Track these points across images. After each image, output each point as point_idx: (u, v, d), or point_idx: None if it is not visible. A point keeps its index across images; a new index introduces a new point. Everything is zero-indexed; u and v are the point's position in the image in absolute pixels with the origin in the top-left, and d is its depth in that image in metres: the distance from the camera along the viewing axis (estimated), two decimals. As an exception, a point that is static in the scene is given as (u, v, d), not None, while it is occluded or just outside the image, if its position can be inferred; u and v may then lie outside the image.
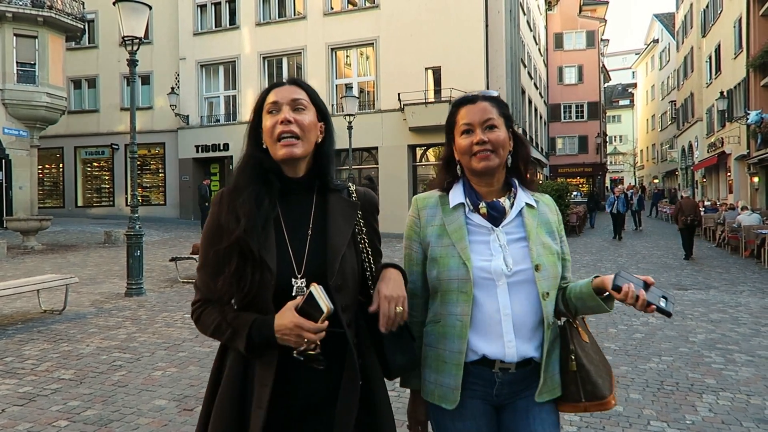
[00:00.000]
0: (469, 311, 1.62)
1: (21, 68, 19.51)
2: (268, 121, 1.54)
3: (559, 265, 1.69)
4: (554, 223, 1.75)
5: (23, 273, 10.76)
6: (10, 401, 4.34)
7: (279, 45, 22.81)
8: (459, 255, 1.63)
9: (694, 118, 34.79)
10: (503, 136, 1.67)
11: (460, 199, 1.71)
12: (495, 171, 1.68)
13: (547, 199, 1.80)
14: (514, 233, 1.67)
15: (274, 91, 1.57)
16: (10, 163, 19.58)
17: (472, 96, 1.73)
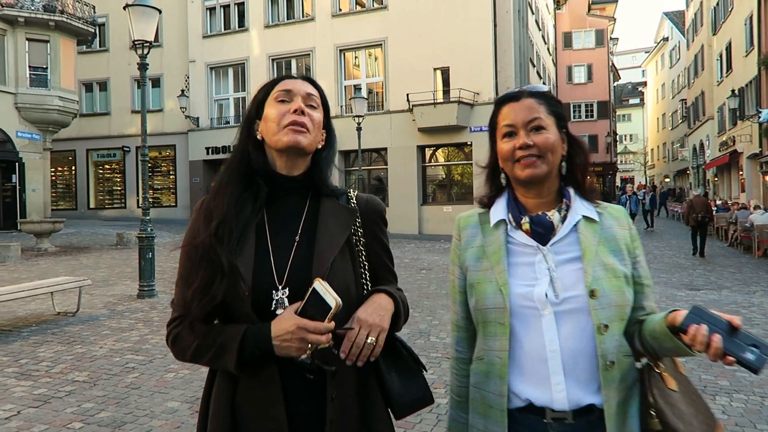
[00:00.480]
0: (507, 346, 1.37)
1: (33, 72, 19.74)
2: (277, 108, 1.38)
3: (627, 292, 1.36)
4: (623, 240, 1.42)
5: (37, 275, 10.87)
6: (25, 403, 4.39)
7: (287, 47, 22.89)
8: (496, 280, 1.39)
9: (705, 117, 34.54)
10: (553, 138, 1.40)
11: (501, 215, 1.47)
12: (544, 180, 1.41)
13: (616, 211, 1.48)
14: (565, 252, 1.39)
15: (286, 81, 1.43)
16: (23, 166, 19.81)
17: (516, 92, 1.46)
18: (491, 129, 1.50)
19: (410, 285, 9.94)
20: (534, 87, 1.47)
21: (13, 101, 19.34)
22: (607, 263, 1.37)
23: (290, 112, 1.37)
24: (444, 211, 20.82)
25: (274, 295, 1.31)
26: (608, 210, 1.47)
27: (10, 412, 4.20)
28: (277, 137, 1.37)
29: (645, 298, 1.43)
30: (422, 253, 15.24)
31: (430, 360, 5.50)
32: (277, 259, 1.35)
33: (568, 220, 1.42)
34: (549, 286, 1.35)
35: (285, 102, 1.39)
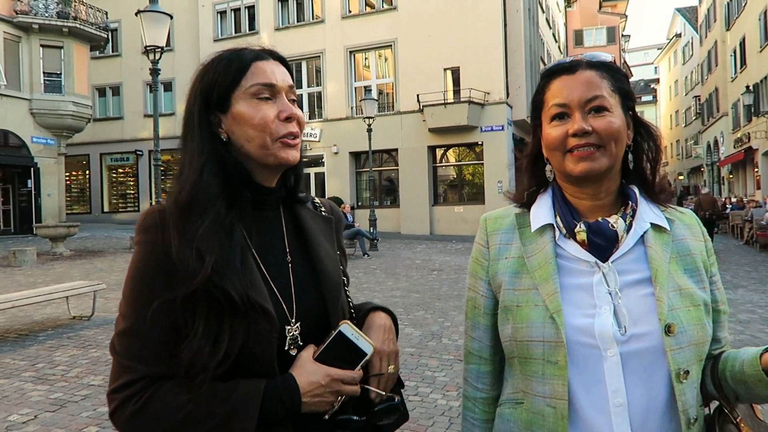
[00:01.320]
0: (565, 393, 1.04)
1: (48, 78, 20.00)
2: (258, 110, 1.09)
3: (708, 325, 1.06)
4: (700, 255, 1.11)
5: (52, 279, 11.01)
6: (42, 407, 4.45)
7: (298, 49, 22.98)
8: (544, 304, 1.07)
9: (720, 113, 34.19)
10: (618, 123, 1.07)
11: (546, 218, 1.15)
12: (603, 176, 1.09)
13: (689, 218, 1.17)
14: (631, 272, 1.07)
15: (261, 66, 1.12)
16: (38, 171, 20.06)
17: (570, 62, 1.13)
18: (535, 109, 1.17)
19: (422, 286, 9.94)
20: (594, 55, 1.13)
21: (28, 107, 19.60)
22: (683, 286, 1.06)
23: (281, 118, 1.10)
24: (455, 211, 20.80)
25: (287, 332, 1.08)
26: (679, 216, 1.16)
27: (27, 416, 4.26)
28: (266, 151, 1.10)
29: (720, 328, 1.13)
30: (434, 254, 15.23)
31: (442, 362, 5.50)
32: (278, 287, 1.10)
33: (634, 228, 1.10)
34: (612, 317, 1.03)
35: (269, 101, 1.10)
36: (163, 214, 1.06)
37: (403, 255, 15.11)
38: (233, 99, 1.11)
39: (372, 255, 14.93)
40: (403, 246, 17.37)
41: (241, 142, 1.11)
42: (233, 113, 1.10)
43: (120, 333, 1.03)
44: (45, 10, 19.60)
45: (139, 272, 1.05)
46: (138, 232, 1.07)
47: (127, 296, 1.04)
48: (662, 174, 1.18)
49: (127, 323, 1.02)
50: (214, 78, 1.12)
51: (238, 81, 1.11)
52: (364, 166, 21.47)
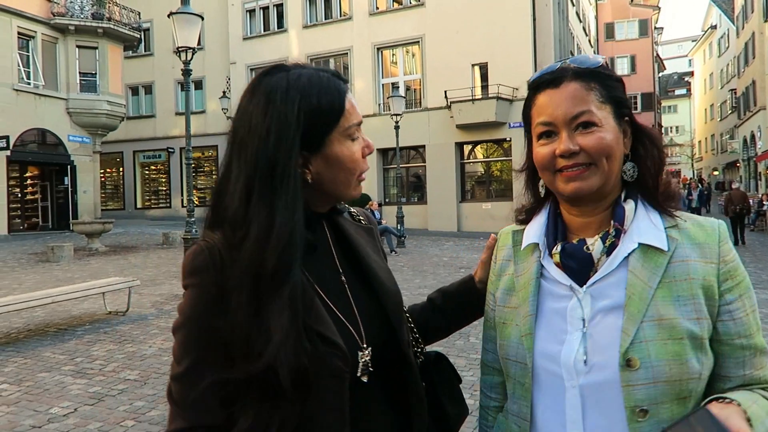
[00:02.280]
0: (528, 415, 1.05)
1: (83, 78, 20.51)
2: (353, 150, 1.04)
3: (694, 360, 0.93)
4: (702, 281, 0.98)
5: (89, 274, 11.32)
6: (81, 401, 4.61)
7: (326, 46, 23.11)
8: (519, 325, 1.06)
9: (757, 107, 33.24)
10: (609, 137, 0.99)
11: (534, 237, 1.12)
12: (598, 193, 1.02)
13: (703, 232, 1.02)
14: (607, 297, 1.00)
15: (351, 101, 1.05)
16: (74, 168, 20.61)
17: (554, 72, 1.04)
18: (525, 123, 1.12)
19: (449, 284, 9.94)
20: (581, 61, 1.04)
21: (65, 106, 20.13)
22: (664, 318, 0.95)
23: (364, 156, 1.07)
24: (483, 208, 20.70)
25: (359, 358, 1.03)
26: (690, 231, 1.02)
27: (67, 409, 4.42)
28: (347, 191, 1.06)
29: (740, 366, 0.98)
30: (461, 251, 15.21)
31: (469, 361, 5.51)
32: (343, 312, 1.04)
33: (618, 250, 1.01)
34: (580, 346, 0.98)
35: (358, 140, 1.06)
36: (213, 252, 0.97)
37: (431, 252, 15.12)
38: (328, 140, 1.01)
39: (399, 252, 14.98)
40: (431, 243, 17.37)
41: (326, 183, 1.04)
42: (326, 154, 1.02)
43: (174, 378, 0.97)
44: (80, 12, 20.09)
45: (192, 317, 0.97)
46: (189, 274, 0.98)
47: (181, 341, 0.98)
48: (666, 180, 1.06)
49: (181, 369, 0.96)
50: (314, 114, 0.99)
51: (338, 121, 1.02)
52: (392, 162, 21.50)
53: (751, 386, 0.98)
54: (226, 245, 0.97)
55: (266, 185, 0.95)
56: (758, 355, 0.99)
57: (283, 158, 0.96)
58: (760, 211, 20.82)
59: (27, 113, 18.96)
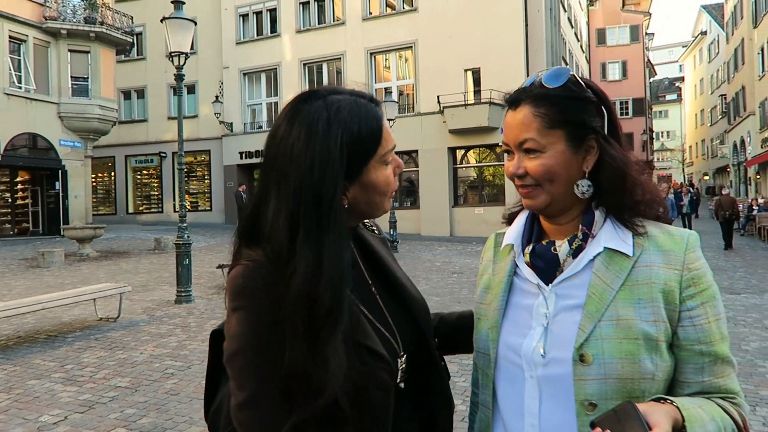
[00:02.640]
0: (490, 404, 1.14)
1: (75, 82, 20.43)
2: (388, 174, 1.07)
3: (648, 361, 0.97)
4: (663, 285, 1.02)
5: (80, 280, 11.25)
6: (71, 408, 4.57)
7: (319, 51, 23.12)
8: (488, 318, 1.15)
9: (747, 112, 33.54)
10: (550, 163, 1.05)
11: (511, 239, 1.20)
12: (553, 207, 1.10)
13: (672, 241, 1.06)
14: (570, 297, 1.06)
15: (386, 126, 1.08)
16: (66, 173, 20.50)
17: (516, 94, 1.11)
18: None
19: (442, 289, 9.95)
20: (547, 78, 1.08)
21: (56, 111, 20.03)
22: (622, 318, 0.99)
23: (394, 176, 1.09)
24: (475, 212, 20.74)
25: (398, 365, 1.07)
26: (659, 239, 1.06)
27: (57, 417, 4.39)
28: (381, 210, 1.09)
29: (699, 372, 1.01)
30: (453, 256, 15.22)
31: (462, 367, 5.51)
32: (379, 322, 1.07)
33: (584, 252, 1.07)
34: (541, 340, 1.05)
35: (390, 164, 1.08)
36: (263, 273, 0.96)
37: (423, 257, 15.13)
38: (366, 168, 1.03)
39: (392, 257, 14.95)
40: (423, 248, 17.38)
41: (361, 206, 1.06)
42: (364, 181, 1.03)
43: (243, 405, 0.96)
44: (73, 16, 20.01)
45: (254, 339, 0.96)
46: (239, 294, 0.97)
47: (242, 367, 0.96)
48: (642, 195, 1.08)
49: (250, 394, 0.95)
50: (355, 145, 1.00)
51: (376, 150, 1.04)
52: (385, 167, 21.51)
53: (711, 394, 1.01)
54: (272, 264, 0.96)
55: (312, 219, 0.96)
56: (719, 363, 1.01)
57: (329, 192, 0.96)
58: (750, 216, 20.97)
59: (18, 117, 18.85)
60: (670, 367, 1.01)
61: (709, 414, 0.95)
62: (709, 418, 0.94)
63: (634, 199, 1.06)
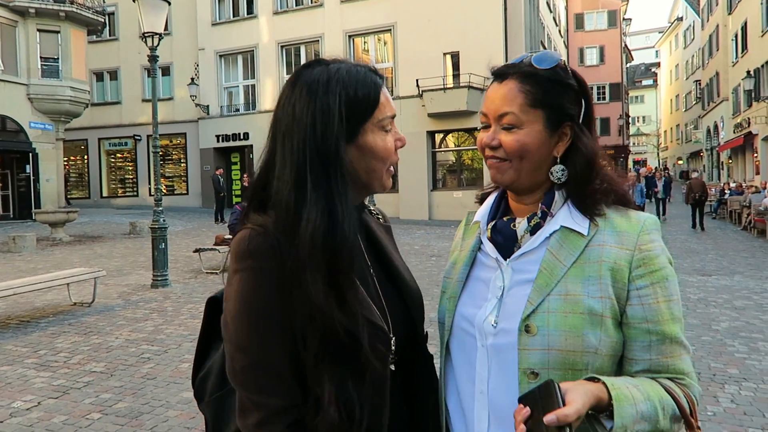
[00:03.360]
0: (443, 371, 1.20)
1: (45, 63, 19.88)
2: (386, 140, 1.08)
3: (592, 335, 1.01)
4: (613, 264, 1.04)
5: (53, 265, 11.05)
6: (45, 394, 4.51)
7: (297, 33, 22.82)
8: (449, 290, 1.20)
9: (720, 98, 34.07)
10: (526, 140, 1.07)
11: (479, 216, 1.25)
12: (519, 185, 1.13)
13: (627, 223, 1.09)
14: (525, 272, 1.09)
15: (386, 94, 1.09)
16: (37, 156, 20.02)
17: (504, 67, 1.13)
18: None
19: (420, 272, 9.99)
20: (537, 60, 1.10)
21: (25, 92, 19.50)
22: (570, 293, 1.03)
23: (396, 149, 1.11)
24: (454, 196, 20.80)
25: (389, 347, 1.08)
26: (615, 221, 1.09)
27: (30, 402, 4.32)
28: (379, 181, 1.10)
29: (646, 350, 1.03)
30: (432, 240, 15.29)
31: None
32: (373, 301, 1.08)
33: (542, 230, 1.10)
34: (494, 311, 1.09)
35: (389, 131, 1.10)
36: (270, 235, 0.98)
37: (402, 241, 15.16)
38: (362, 129, 1.05)
39: (371, 241, 14.96)
40: (402, 231, 17.41)
41: (359, 172, 1.07)
42: (360, 144, 1.05)
43: (247, 368, 0.98)
44: (41, -6, 19.43)
45: (256, 302, 0.97)
46: (245, 257, 0.98)
47: (244, 329, 0.97)
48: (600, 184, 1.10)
49: (251, 357, 0.97)
50: (353, 104, 1.03)
51: (373, 111, 1.06)
52: (363, 151, 21.44)
53: (659, 374, 1.03)
54: (278, 228, 0.99)
55: (320, 174, 0.99)
56: (668, 343, 1.03)
57: (332, 148, 1.00)
58: (722, 200, 21.38)
59: (-14, 99, 18.33)
60: (616, 344, 1.03)
61: (644, 393, 0.96)
62: (643, 398, 0.95)
63: (594, 186, 1.09)
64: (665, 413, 0.97)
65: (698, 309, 7.22)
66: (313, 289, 0.95)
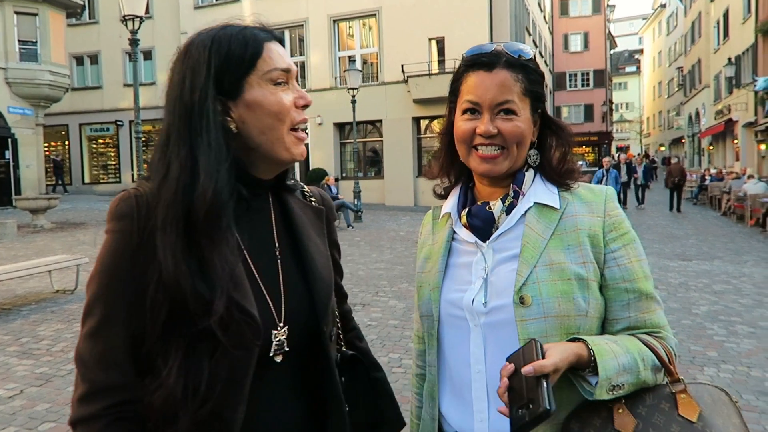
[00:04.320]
0: (435, 362, 1.20)
1: (23, 47, 19.44)
2: (276, 96, 1.00)
3: (581, 299, 1.06)
4: (588, 231, 1.11)
5: (34, 252, 10.91)
6: (28, 382, 4.47)
7: (280, 17, 22.53)
8: (429, 282, 1.21)
9: (702, 85, 34.39)
10: (523, 127, 1.11)
11: (448, 208, 1.26)
12: (507, 174, 1.16)
13: (592, 193, 1.17)
14: (506, 249, 1.12)
15: (275, 48, 1.04)
16: (16, 142, 19.66)
17: (489, 55, 1.12)
18: (451, 92, 1.20)
19: (406, 258, 10.03)
20: (514, 51, 1.12)
21: (3, 76, 19.08)
22: (555, 262, 1.08)
23: (298, 105, 1.03)
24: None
25: (273, 337, 1.00)
26: (581, 193, 1.16)
27: (13, 391, 4.29)
28: (280, 144, 1.01)
29: (624, 308, 1.09)
30: (418, 226, 15.07)
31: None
32: (267, 284, 1.02)
33: (516, 209, 1.15)
34: (481, 291, 1.11)
35: (282, 86, 1.02)
36: (141, 200, 0.95)
37: (388, 227, 15.18)
38: (247, 84, 1.00)
39: (356, 227, 14.98)
40: (388, 218, 17.43)
41: (254, 133, 1.00)
42: (247, 100, 0.99)
43: (84, 336, 0.93)
44: (18, -25, 18.96)
45: (109, 266, 0.93)
46: (111, 219, 0.95)
47: (94, 291, 0.93)
48: (567, 164, 1.19)
49: (92, 324, 0.93)
50: (227, 58, 0.99)
51: (254, 64, 1.00)
52: (348, 137, 21.35)
53: (638, 329, 1.10)
54: (151, 192, 0.95)
55: (184, 126, 0.96)
56: (644, 299, 1.10)
57: (199, 100, 0.96)
58: (703, 185, 21.66)
59: (-38, 83, 17.92)
60: (601, 305, 1.09)
61: (623, 347, 1.02)
62: (622, 351, 1.00)
63: (561, 167, 1.18)
64: (645, 364, 1.02)
65: (678, 293, 7.34)
66: (162, 249, 0.89)
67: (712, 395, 1.03)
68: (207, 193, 0.91)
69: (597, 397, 0.97)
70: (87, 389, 0.91)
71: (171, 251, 0.89)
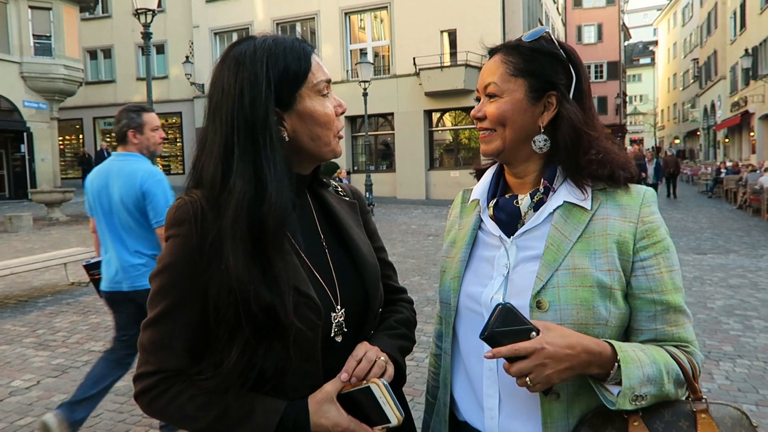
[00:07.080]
0: (449, 350, 1.20)
1: (37, 41, 19.63)
2: (324, 106, 1.09)
3: (602, 307, 1.02)
4: (618, 237, 1.06)
5: (50, 245, 11.04)
6: (44, 373, 4.53)
7: (292, 10, 22.54)
8: (452, 270, 1.20)
9: (717, 77, 33.92)
10: (504, 108, 1.10)
11: (477, 194, 1.24)
12: (510, 156, 1.15)
13: (629, 196, 1.10)
14: (530, 248, 1.10)
15: (317, 59, 1.10)
16: (31, 135, 19.87)
17: (495, 47, 1.18)
18: None
19: (417, 251, 10.02)
20: (528, 35, 1.13)
21: (18, 70, 19.28)
22: (578, 267, 1.04)
23: (337, 115, 1.12)
24: (451, 176, 20.78)
25: (333, 319, 1.09)
26: (617, 194, 1.10)
27: (30, 381, 4.34)
28: (327, 148, 1.10)
29: (652, 320, 1.06)
30: (429, 219, 15.29)
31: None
32: (320, 273, 1.10)
33: (545, 206, 1.11)
34: (501, 289, 1.09)
35: (328, 96, 1.10)
36: (196, 206, 1.01)
37: (399, 220, 15.17)
38: (299, 96, 1.06)
39: (368, 220, 14.96)
40: (399, 211, 17.42)
41: (304, 140, 1.08)
42: (299, 111, 1.06)
43: (145, 324, 1.03)
44: (32, -30, 19.11)
45: (172, 264, 1.01)
46: (170, 225, 1.02)
47: (157, 287, 1.02)
48: (596, 155, 1.09)
49: (154, 314, 1.02)
50: (284, 73, 1.04)
51: (306, 77, 1.06)
52: (360, 130, 21.32)
53: (664, 342, 1.06)
54: (207, 200, 1.01)
55: (246, 142, 1.00)
56: (672, 312, 1.06)
57: (260, 115, 1.00)
58: (718, 179, 21.40)
59: (-22, 77, 18.11)
60: (624, 315, 1.05)
61: (650, 357, 0.99)
62: (649, 361, 0.98)
63: (587, 158, 1.09)
64: (670, 377, 0.99)
65: (693, 287, 7.26)
66: (232, 259, 0.96)
67: (733, 418, 0.99)
68: (276, 207, 0.98)
69: (619, 407, 0.94)
70: (143, 370, 1.03)
71: (241, 260, 0.96)
